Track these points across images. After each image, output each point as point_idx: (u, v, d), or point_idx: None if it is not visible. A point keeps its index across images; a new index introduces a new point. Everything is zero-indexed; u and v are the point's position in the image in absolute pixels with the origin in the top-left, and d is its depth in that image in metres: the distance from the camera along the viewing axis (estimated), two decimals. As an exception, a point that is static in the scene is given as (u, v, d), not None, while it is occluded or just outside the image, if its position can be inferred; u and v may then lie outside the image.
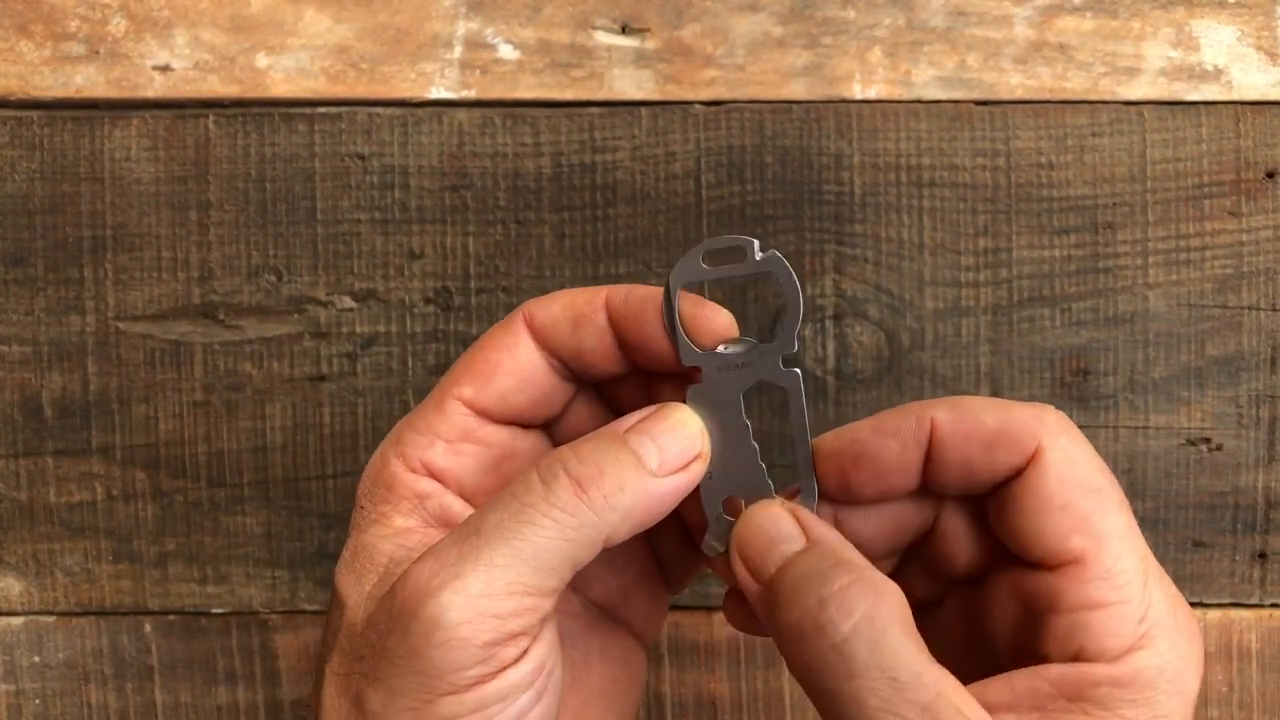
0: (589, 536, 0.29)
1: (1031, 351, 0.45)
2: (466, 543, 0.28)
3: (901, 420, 0.30)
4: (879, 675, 0.26)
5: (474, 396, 0.32)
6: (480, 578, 0.27)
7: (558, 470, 0.29)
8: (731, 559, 0.31)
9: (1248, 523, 0.45)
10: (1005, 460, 0.29)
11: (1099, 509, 0.29)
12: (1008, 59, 0.45)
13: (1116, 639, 0.28)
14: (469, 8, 0.44)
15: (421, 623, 0.27)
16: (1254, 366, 0.45)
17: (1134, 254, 0.45)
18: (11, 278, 0.45)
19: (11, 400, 0.45)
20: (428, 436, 0.32)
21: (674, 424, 0.30)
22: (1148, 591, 0.29)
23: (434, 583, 0.27)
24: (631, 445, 0.30)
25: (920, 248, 0.45)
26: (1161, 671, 0.28)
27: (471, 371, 0.32)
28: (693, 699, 0.46)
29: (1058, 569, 0.29)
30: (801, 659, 0.27)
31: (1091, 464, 0.29)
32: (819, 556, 0.29)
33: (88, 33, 0.45)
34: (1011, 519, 0.30)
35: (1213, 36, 0.45)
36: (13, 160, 0.45)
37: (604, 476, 0.29)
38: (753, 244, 0.31)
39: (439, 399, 0.32)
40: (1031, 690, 0.28)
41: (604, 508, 0.29)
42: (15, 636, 0.46)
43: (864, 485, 0.31)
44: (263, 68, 0.45)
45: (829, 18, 0.45)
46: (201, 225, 0.45)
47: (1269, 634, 0.46)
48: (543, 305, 0.32)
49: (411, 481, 0.31)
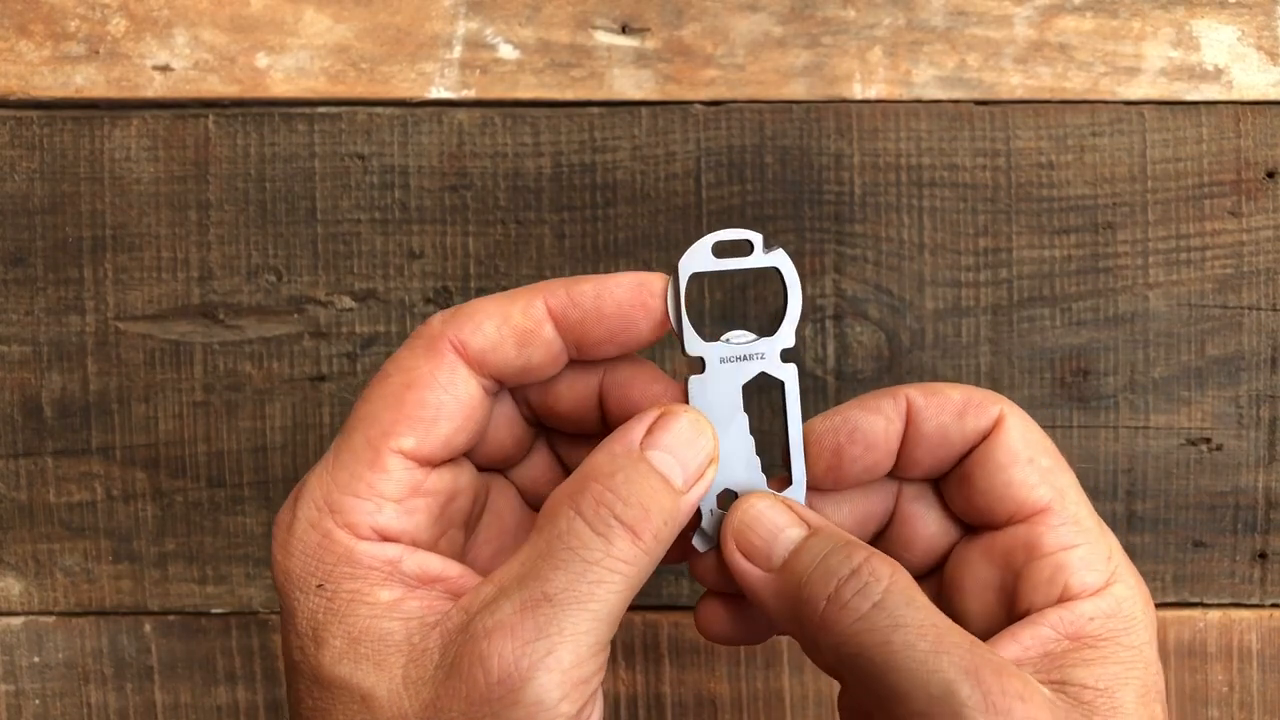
0: (648, 573, 0.29)
1: (1031, 351, 0.45)
2: (540, 612, 0.27)
3: (882, 399, 0.32)
4: (923, 622, 0.28)
5: (416, 447, 0.29)
6: (570, 650, 0.27)
7: (610, 520, 0.28)
8: (728, 551, 0.31)
9: (1248, 523, 0.45)
10: (975, 424, 0.32)
11: (1056, 464, 0.32)
12: (1008, 59, 0.45)
13: (1095, 574, 0.31)
14: (469, 8, 0.44)
15: (524, 707, 0.27)
16: (1254, 366, 0.45)
17: (1134, 254, 0.45)
18: (11, 278, 0.45)
19: (11, 400, 0.45)
20: (373, 500, 0.29)
21: (689, 434, 0.30)
22: (1105, 536, 0.32)
23: (525, 664, 0.27)
24: (657, 466, 0.30)
25: (920, 248, 0.45)
26: (1135, 600, 0.31)
27: (407, 417, 0.29)
28: (693, 699, 0.46)
29: (1030, 519, 0.31)
30: (840, 627, 0.28)
31: (1040, 430, 0.33)
32: (829, 538, 0.30)
33: (87, 33, 0.45)
34: (980, 479, 0.32)
35: (1213, 36, 0.45)
36: (13, 160, 0.45)
37: (650, 516, 0.29)
38: (759, 239, 0.32)
39: (372, 453, 0.29)
40: (1036, 638, 0.30)
41: (655, 547, 0.29)
42: (15, 637, 0.46)
43: (855, 461, 0.32)
44: (263, 68, 0.45)
45: (829, 17, 0.45)
46: (201, 225, 0.45)
47: (1269, 634, 0.46)
48: (471, 328, 0.30)
49: (373, 551, 0.29)
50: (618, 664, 0.46)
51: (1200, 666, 0.46)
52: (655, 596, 0.46)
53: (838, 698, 0.32)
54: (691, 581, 0.46)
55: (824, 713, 0.46)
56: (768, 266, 0.32)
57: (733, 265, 0.32)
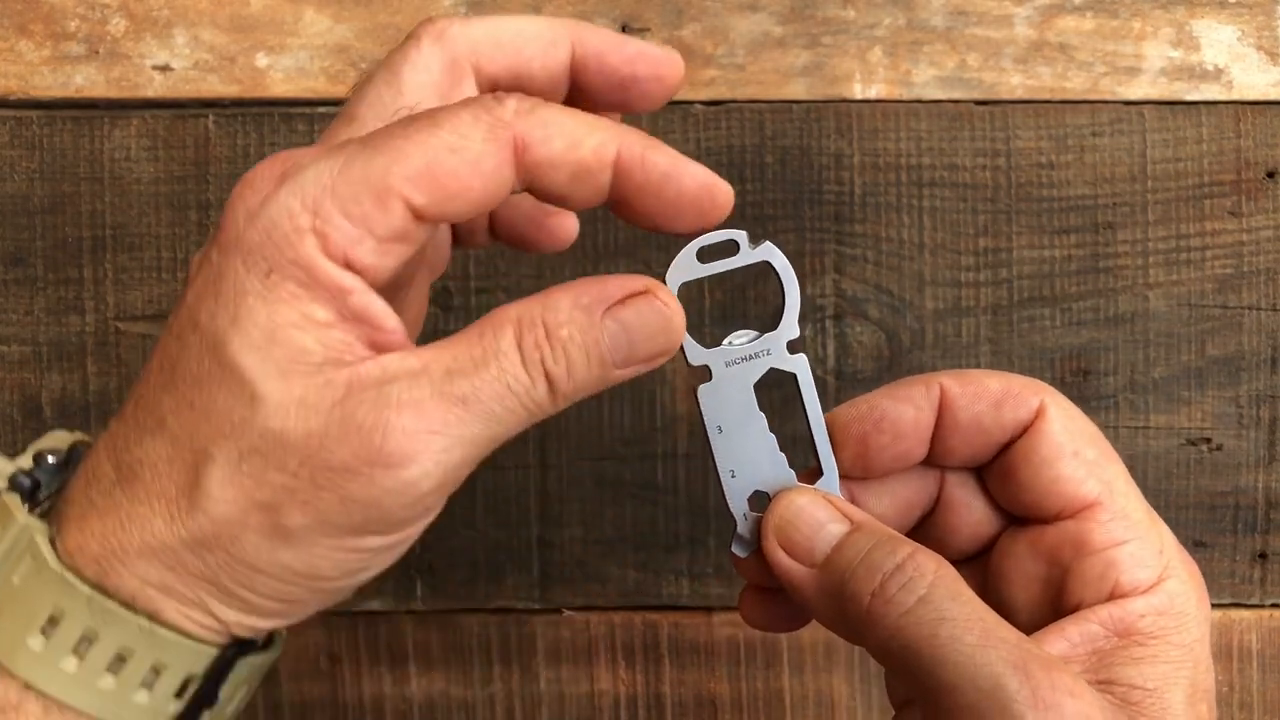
0: (544, 416, 0.28)
1: (1031, 351, 0.45)
2: (452, 411, 0.27)
3: (912, 388, 0.32)
4: (969, 616, 0.27)
5: (425, 207, 0.27)
6: (459, 454, 0.27)
7: (539, 367, 0.27)
8: (769, 549, 0.31)
9: (1248, 523, 0.45)
10: (1013, 415, 0.31)
11: (1103, 456, 0.31)
12: (1008, 59, 0.45)
13: (1147, 570, 0.30)
14: (469, 8, 0.44)
15: (400, 482, 0.26)
16: (1254, 366, 0.45)
17: (1134, 254, 0.45)
18: (11, 278, 0.45)
19: (11, 400, 0.45)
20: (360, 229, 0.26)
21: (655, 325, 0.29)
22: (1157, 528, 0.31)
23: (419, 447, 0.26)
24: (604, 339, 0.28)
25: (920, 248, 0.45)
26: (1189, 597, 0.30)
27: (432, 179, 0.26)
28: (693, 699, 0.46)
29: (1076, 515, 0.31)
30: (887, 622, 0.28)
31: (1086, 419, 0.32)
32: (872, 533, 0.30)
33: (87, 32, 0.45)
34: (1026, 474, 0.31)
35: (1213, 36, 0.45)
36: (12, 160, 0.45)
37: (572, 379, 0.28)
38: (743, 235, 0.31)
39: (383, 189, 0.26)
40: (1085, 635, 0.29)
41: (564, 402, 0.29)
42: (15, 636, 0.46)
43: (883, 450, 0.31)
44: (262, 67, 0.45)
45: (829, 17, 0.45)
46: (201, 225, 0.45)
47: (1269, 634, 0.46)
48: (539, 135, 0.27)
49: (333, 274, 0.27)
50: (618, 664, 0.46)
51: (1200, 666, 0.46)
52: (655, 597, 0.46)
53: (886, 681, 0.32)
54: (691, 581, 0.46)
55: (824, 713, 0.46)
56: (758, 262, 0.31)
57: (722, 267, 0.31)
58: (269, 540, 0.27)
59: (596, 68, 0.32)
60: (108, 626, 0.27)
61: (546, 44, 0.31)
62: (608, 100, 0.32)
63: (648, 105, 0.33)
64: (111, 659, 0.27)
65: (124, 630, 0.27)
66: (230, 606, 0.27)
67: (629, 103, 0.32)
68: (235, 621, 0.28)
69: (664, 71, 0.32)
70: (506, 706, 0.46)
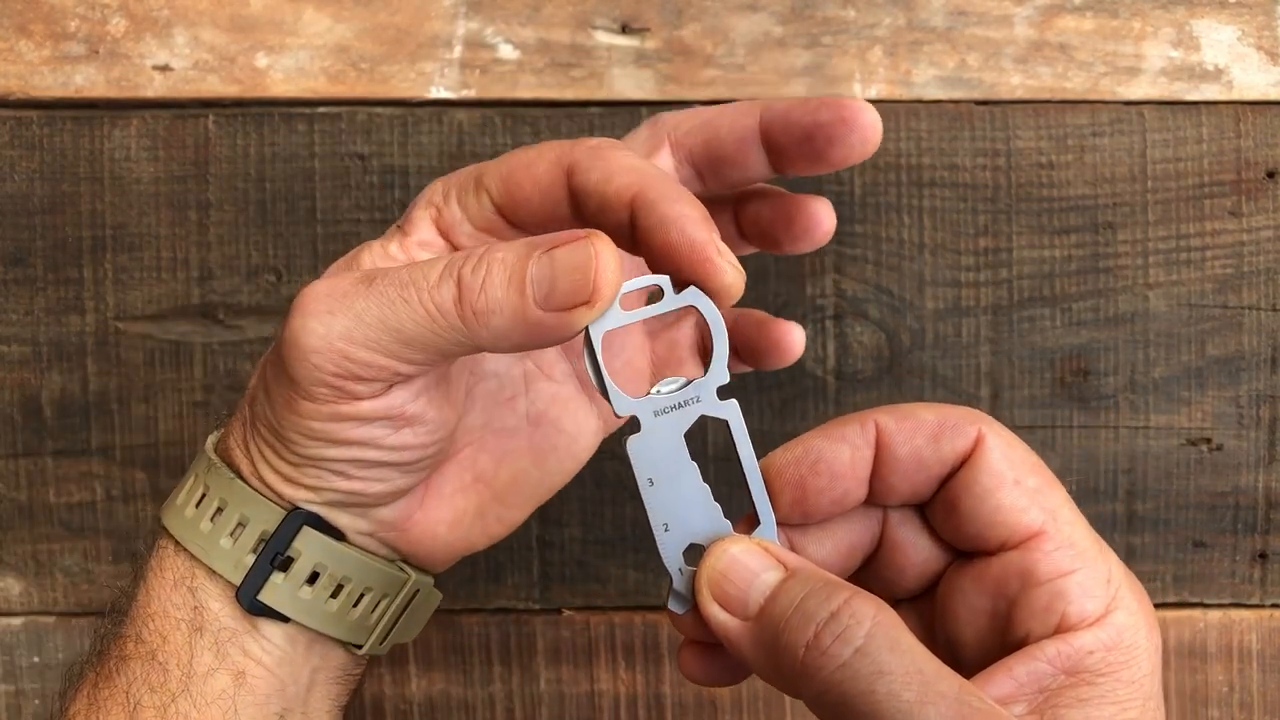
0: (455, 340, 0.30)
1: (1031, 351, 0.45)
2: (357, 287, 0.30)
3: (847, 426, 0.31)
4: (907, 670, 0.26)
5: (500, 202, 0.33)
6: (345, 324, 0.30)
7: (454, 270, 0.30)
8: (703, 603, 0.29)
9: (1248, 523, 0.45)
10: (951, 447, 0.30)
11: (1045, 483, 0.30)
12: (1008, 59, 0.45)
13: (1094, 600, 0.29)
14: (469, 7, 0.44)
15: (290, 334, 0.30)
16: (1254, 366, 0.45)
17: (1134, 254, 0.45)
18: (11, 278, 0.45)
19: (11, 400, 0.45)
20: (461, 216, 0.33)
21: (579, 260, 0.29)
22: (1104, 556, 0.30)
23: (314, 305, 0.30)
24: (530, 271, 0.29)
25: (920, 248, 0.45)
26: (1138, 629, 0.29)
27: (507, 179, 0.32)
28: (693, 699, 0.46)
29: (1022, 545, 0.30)
30: (822, 675, 0.27)
31: (1025, 446, 0.31)
32: (806, 580, 0.29)
33: (87, 32, 0.45)
34: (968, 506, 0.30)
35: (1213, 36, 0.45)
36: (13, 160, 0.45)
37: (484, 294, 0.29)
38: (666, 280, 0.30)
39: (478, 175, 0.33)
40: (1032, 674, 0.28)
41: (474, 324, 0.29)
42: (15, 637, 0.46)
43: (821, 493, 0.30)
44: (262, 67, 0.45)
45: (829, 17, 0.45)
46: (201, 225, 0.45)
47: (1270, 634, 0.46)
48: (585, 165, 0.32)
49: (428, 236, 0.33)
50: (618, 664, 0.46)
51: (1200, 666, 0.46)
52: (655, 597, 0.46)
53: None
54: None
55: (824, 713, 0.46)
56: (685, 306, 0.30)
57: (646, 313, 0.30)
58: (265, 403, 0.32)
59: (783, 126, 0.34)
60: (215, 482, 0.34)
61: (735, 114, 0.34)
62: (801, 154, 0.34)
63: (842, 153, 0.33)
64: (214, 510, 0.34)
65: (223, 484, 0.34)
66: (271, 468, 0.33)
67: (820, 153, 0.33)
68: (279, 482, 0.33)
69: (848, 115, 0.33)
70: (506, 706, 0.46)
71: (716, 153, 0.35)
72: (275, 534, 0.33)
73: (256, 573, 0.33)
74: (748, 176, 0.35)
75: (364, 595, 0.35)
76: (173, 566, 0.34)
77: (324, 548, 0.34)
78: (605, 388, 0.30)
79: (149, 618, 0.34)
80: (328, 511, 0.34)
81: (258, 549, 0.33)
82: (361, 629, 0.35)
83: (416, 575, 0.36)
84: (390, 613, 0.35)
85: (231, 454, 0.34)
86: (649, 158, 0.35)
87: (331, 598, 0.34)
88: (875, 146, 0.33)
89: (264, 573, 0.33)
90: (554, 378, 0.37)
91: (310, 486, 0.33)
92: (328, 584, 0.34)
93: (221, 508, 0.34)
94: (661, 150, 0.35)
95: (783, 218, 0.36)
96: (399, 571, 0.35)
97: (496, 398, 0.37)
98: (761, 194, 0.37)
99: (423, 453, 0.33)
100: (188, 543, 0.34)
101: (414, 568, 0.36)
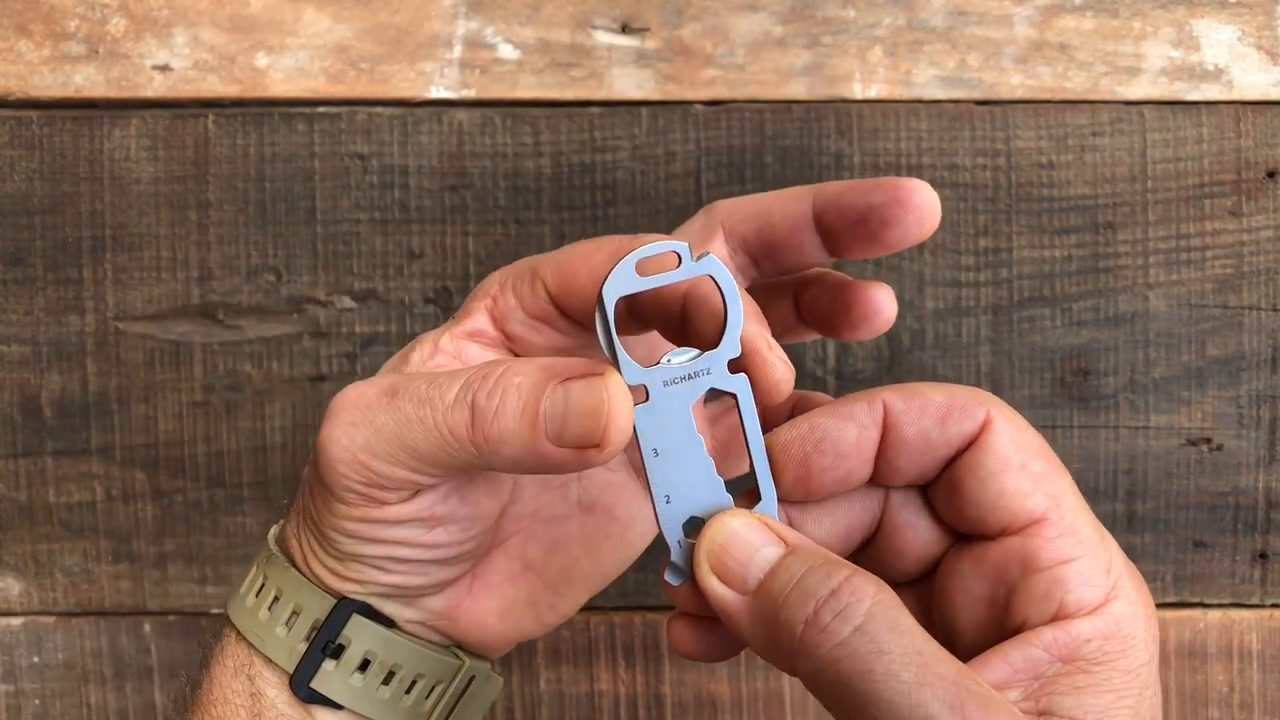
0: (465, 462, 0.30)
1: (1032, 351, 0.45)
2: (380, 399, 0.31)
3: (854, 405, 0.30)
4: (906, 650, 0.26)
5: (556, 292, 0.33)
6: (366, 437, 0.30)
7: (469, 393, 0.30)
8: (701, 575, 0.29)
9: (1248, 523, 0.45)
10: (959, 429, 0.30)
11: (1051, 468, 0.30)
12: (1008, 59, 0.45)
13: (1093, 589, 0.29)
14: (469, 7, 0.44)
15: (320, 442, 0.31)
16: (1254, 366, 0.45)
17: (1134, 254, 0.45)
18: (11, 278, 0.45)
19: (11, 400, 0.45)
20: (515, 304, 0.33)
21: (591, 404, 0.29)
22: (1106, 544, 0.30)
23: (341, 415, 0.31)
24: (543, 405, 0.29)
25: (920, 248, 0.45)
26: (1136, 619, 0.29)
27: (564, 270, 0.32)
28: (693, 699, 0.46)
29: (1023, 531, 0.29)
30: (820, 652, 0.27)
31: (1033, 430, 0.30)
32: (807, 557, 0.28)
33: (87, 32, 0.45)
34: (971, 489, 0.30)
35: (1213, 36, 0.45)
36: (12, 160, 0.45)
37: (496, 422, 0.29)
38: (685, 248, 0.30)
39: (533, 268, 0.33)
40: (1028, 660, 0.28)
41: (486, 450, 0.29)
42: (15, 637, 0.46)
43: (825, 471, 0.30)
44: (262, 67, 0.45)
45: (829, 17, 0.45)
46: (201, 225, 0.45)
47: (1270, 634, 0.46)
48: None
49: (481, 325, 0.34)
50: (618, 664, 0.46)
51: (1200, 666, 0.46)
52: (655, 597, 0.46)
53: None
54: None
55: (824, 713, 0.46)
56: (702, 276, 0.30)
57: (662, 281, 0.30)
58: (309, 500, 0.33)
59: (836, 210, 0.33)
60: (272, 571, 0.34)
61: (788, 199, 0.34)
62: (855, 237, 0.33)
63: (898, 235, 0.33)
64: (271, 599, 0.34)
65: (279, 573, 0.34)
66: (319, 561, 0.34)
67: (875, 236, 0.33)
68: (326, 575, 0.33)
69: (904, 196, 0.32)
70: (506, 706, 0.46)
71: (770, 239, 0.34)
72: (326, 622, 0.33)
73: (309, 660, 0.33)
74: (803, 262, 0.35)
75: (416, 682, 0.35)
76: (233, 654, 0.34)
77: (374, 635, 0.34)
78: (616, 356, 0.29)
79: (210, 704, 0.34)
80: (377, 601, 0.34)
81: (310, 637, 0.34)
82: (416, 716, 0.35)
83: (471, 661, 0.35)
84: (446, 700, 0.35)
85: (288, 544, 0.35)
86: (704, 244, 0.35)
87: (384, 685, 0.34)
88: (933, 227, 0.33)
89: (316, 660, 0.33)
90: (607, 465, 0.36)
91: (355, 580, 0.33)
92: (379, 671, 0.34)
93: (278, 596, 0.34)
94: (715, 239, 0.35)
95: (841, 306, 0.35)
96: (452, 658, 0.35)
97: (547, 484, 0.36)
98: (820, 280, 0.36)
99: (459, 549, 0.33)
100: (246, 631, 0.34)
101: (469, 654, 0.35)
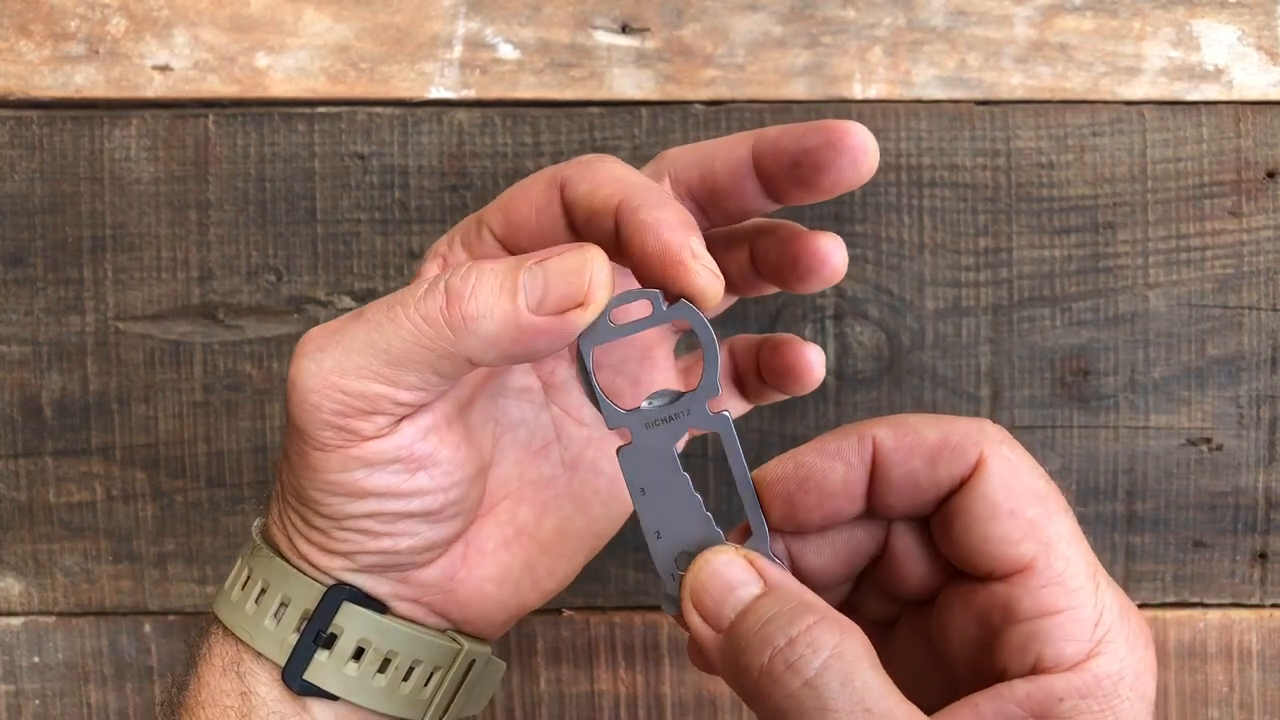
0: (445, 350, 0.29)
1: (1032, 351, 0.45)
2: (346, 321, 0.30)
3: (843, 441, 0.29)
4: (854, 708, 0.26)
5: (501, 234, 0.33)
6: (335, 355, 0.30)
7: (440, 281, 0.30)
8: (685, 610, 0.29)
9: (1248, 523, 0.45)
10: (949, 471, 0.29)
11: (1045, 514, 0.28)
12: (1008, 59, 0.45)
13: (1074, 645, 0.27)
14: (469, 7, 0.44)
15: (290, 379, 0.31)
16: (1254, 366, 0.45)
17: (1134, 254, 0.45)
18: (11, 278, 0.45)
19: (11, 400, 0.45)
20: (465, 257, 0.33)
21: (572, 265, 0.29)
22: (1099, 596, 0.28)
23: (307, 345, 0.31)
24: (519, 277, 0.29)
25: (920, 248, 0.45)
26: (1122, 678, 0.27)
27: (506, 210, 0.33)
28: (693, 699, 0.46)
29: (1009, 578, 0.28)
30: (772, 701, 0.27)
31: (1033, 471, 0.29)
32: (780, 599, 0.28)
33: (87, 32, 0.45)
34: (958, 531, 0.29)
35: (1213, 36, 0.45)
36: (12, 160, 0.45)
37: (474, 299, 0.29)
38: (657, 295, 0.30)
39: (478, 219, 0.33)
40: (999, 715, 0.27)
41: (462, 330, 0.29)
42: (15, 637, 0.46)
43: (811, 510, 0.30)
44: (262, 67, 0.45)
45: (829, 17, 0.45)
46: (201, 225, 0.45)
47: (1270, 634, 0.46)
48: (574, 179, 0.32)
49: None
50: (618, 664, 0.46)
51: (1200, 666, 0.46)
52: (655, 597, 0.46)
53: None
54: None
55: (824, 713, 0.46)
56: (677, 317, 0.30)
57: (638, 329, 0.30)
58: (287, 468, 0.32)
59: (772, 154, 0.33)
60: (257, 564, 0.34)
61: (729, 145, 0.34)
62: (791, 182, 0.32)
63: (832, 179, 0.32)
64: (258, 592, 0.34)
65: (265, 565, 0.34)
66: (304, 538, 0.33)
67: (809, 180, 0.32)
68: (314, 552, 0.33)
69: (835, 138, 0.31)
70: (507, 706, 0.46)
71: (712, 186, 0.34)
72: (316, 611, 0.33)
73: (301, 651, 0.33)
74: (745, 208, 0.34)
75: (414, 669, 0.34)
76: (221, 652, 0.34)
77: (366, 621, 0.33)
78: (597, 400, 0.30)
79: (199, 706, 0.33)
80: (368, 581, 0.33)
81: (300, 627, 0.33)
82: (415, 704, 0.34)
83: (470, 644, 0.35)
84: (446, 686, 0.35)
85: (271, 533, 0.34)
86: None
87: (379, 673, 0.34)
88: (870, 170, 0.32)
89: (308, 651, 0.33)
90: (584, 421, 0.37)
91: (344, 552, 0.33)
92: (374, 659, 0.33)
93: (265, 589, 0.33)
94: (662, 185, 0.34)
95: (789, 257, 0.34)
96: (450, 642, 0.35)
97: (528, 447, 0.36)
98: (773, 231, 0.35)
99: (444, 498, 0.33)
100: (234, 626, 0.34)
101: (468, 637, 0.35)
